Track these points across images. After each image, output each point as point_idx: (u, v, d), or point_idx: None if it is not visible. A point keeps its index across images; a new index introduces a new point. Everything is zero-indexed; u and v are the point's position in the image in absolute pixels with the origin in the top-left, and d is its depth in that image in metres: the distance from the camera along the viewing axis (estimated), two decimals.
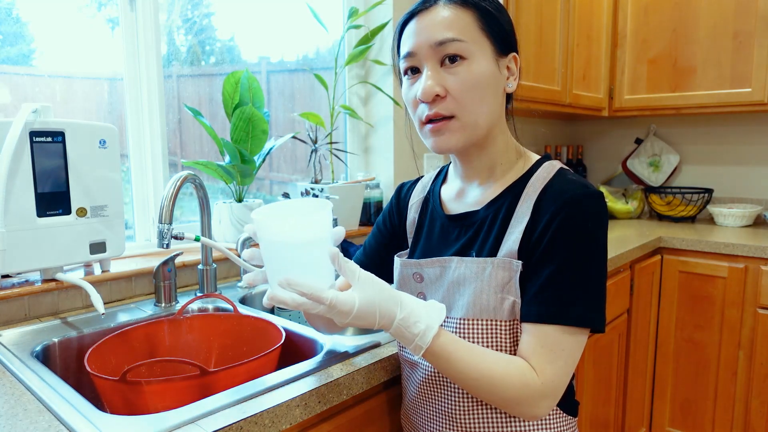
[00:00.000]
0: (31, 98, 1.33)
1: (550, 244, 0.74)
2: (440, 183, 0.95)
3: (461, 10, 0.78)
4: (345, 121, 2.03)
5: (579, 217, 0.74)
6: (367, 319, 0.69)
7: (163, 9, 1.54)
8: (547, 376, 0.73)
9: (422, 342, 0.71)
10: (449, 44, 0.76)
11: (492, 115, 0.81)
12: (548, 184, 0.79)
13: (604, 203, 0.77)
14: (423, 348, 0.71)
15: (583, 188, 0.76)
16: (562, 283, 0.74)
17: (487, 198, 0.84)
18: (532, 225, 0.77)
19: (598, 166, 3.02)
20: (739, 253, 2.01)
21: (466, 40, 0.77)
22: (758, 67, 2.18)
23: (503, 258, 0.78)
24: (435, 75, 0.78)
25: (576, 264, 0.74)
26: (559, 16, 2.15)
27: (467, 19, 0.78)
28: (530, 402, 0.73)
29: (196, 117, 1.50)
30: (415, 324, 0.71)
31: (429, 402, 0.86)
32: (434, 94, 0.77)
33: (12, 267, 1.07)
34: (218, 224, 1.56)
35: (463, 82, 0.77)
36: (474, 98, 0.78)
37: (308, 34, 1.92)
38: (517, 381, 0.72)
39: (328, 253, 0.68)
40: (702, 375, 2.15)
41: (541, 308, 0.74)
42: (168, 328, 1.09)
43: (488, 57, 0.79)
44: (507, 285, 0.77)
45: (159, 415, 0.73)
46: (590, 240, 0.74)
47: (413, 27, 0.80)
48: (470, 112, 0.78)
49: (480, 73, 0.78)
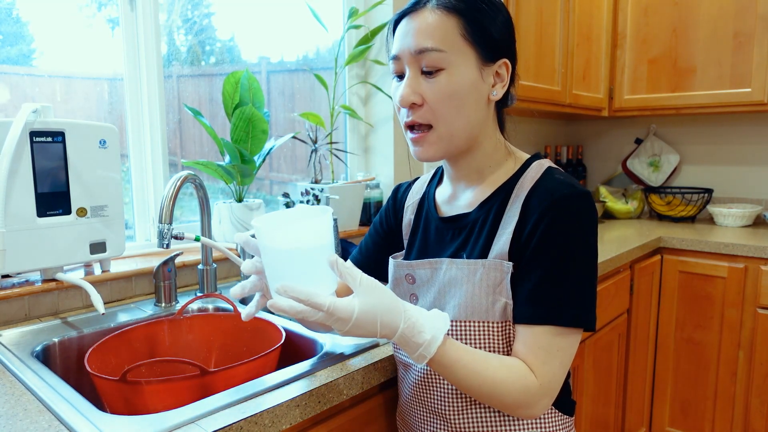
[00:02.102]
0: (31, 98, 1.33)
1: (540, 245, 0.74)
2: (435, 185, 0.95)
3: (446, 17, 0.76)
4: (345, 121, 2.03)
5: (567, 217, 0.74)
6: (366, 327, 0.68)
7: (163, 9, 1.54)
8: (544, 377, 0.74)
9: (427, 352, 0.70)
10: (427, 54, 0.76)
11: (471, 126, 0.80)
12: (536, 185, 0.78)
13: (591, 202, 0.77)
14: (427, 358, 0.70)
15: (570, 188, 0.76)
16: (553, 284, 0.74)
17: (478, 200, 0.84)
18: (521, 226, 0.77)
19: (598, 166, 3.02)
20: (739, 253, 2.01)
21: (445, 50, 0.76)
22: (758, 67, 2.18)
23: (494, 260, 0.78)
24: (413, 82, 0.78)
25: (566, 264, 0.74)
26: (559, 16, 2.15)
27: (450, 27, 0.76)
28: (530, 403, 0.74)
29: (196, 117, 1.50)
30: (420, 334, 0.70)
31: (422, 403, 0.86)
32: (410, 102, 0.78)
33: (12, 267, 1.07)
34: (218, 224, 1.56)
35: (439, 92, 0.77)
36: (450, 109, 0.77)
37: (308, 34, 1.92)
38: (519, 386, 0.73)
39: (327, 259, 0.67)
40: (702, 375, 2.15)
41: (534, 309, 0.75)
42: (168, 328, 1.09)
43: (470, 66, 0.77)
44: (498, 287, 0.77)
45: (159, 415, 0.73)
46: (579, 240, 0.75)
47: (402, 28, 0.80)
48: (446, 123, 0.78)
49: (458, 84, 0.77)
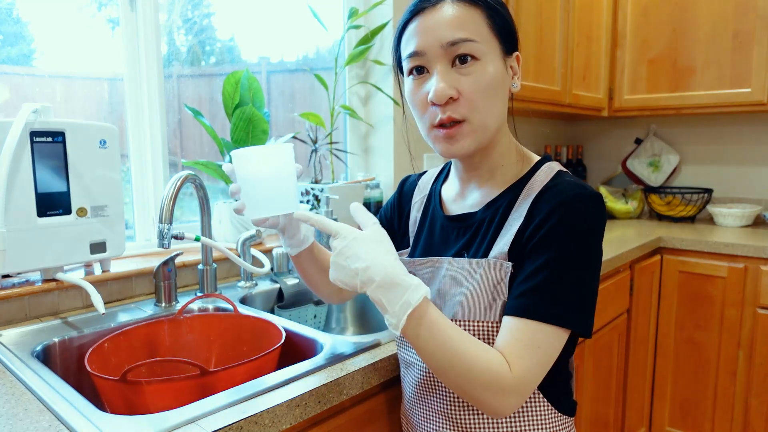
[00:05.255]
0: (31, 98, 1.33)
1: (540, 242, 0.73)
2: (441, 182, 0.94)
3: (470, 8, 0.75)
4: (345, 121, 2.03)
5: (572, 217, 0.73)
6: (360, 257, 0.69)
7: (163, 9, 1.54)
8: (517, 371, 0.69)
9: (412, 299, 0.68)
10: (462, 44, 0.74)
11: (501, 117, 0.80)
12: (546, 187, 0.77)
13: (601, 205, 0.75)
14: (411, 306, 0.68)
15: (580, 189, 0.75)
16: (545, 279, 0.71)
17: (486, 200, 0.83)
18: (525, 226, 0.76)
19: (598, 166, 3.02)
20: (739, 253, 2.01)
21: (479, 40, 0.75)
22: (758, 67, 2.18)
23: (494, 259, 0.77)
24: (447, 76, 0.75)
25: (564, 263, 0.72)
26: (559, 16, 2.15)
27: (477, 18, 0.75)
28: (497, 391, 0.68)
29: (197, 117, 1.50)
30: (409, 277, 0.70)
31: (425, 401, 0.85)
32: (448, 97, 0.75)
33: (12, 267, 1.07)
34: (218, 224, 1.57)
35: (476, 84, 0.75)
36: (486, 100, 0.76)
37: (308, 34, 1.92)
38: (490, 365, 0.68)
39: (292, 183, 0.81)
40: (702, 375, 2.15)
41: (520, 302, 0.72)
42: (168, 328, 1.10)
43: (498, 57, 0.77)
44: (498, 286, 0.76)
45: (159, 415, 0.73)
46: (581, 241, 0.72)
47: (419, 25, 0.77)
48: (482, 114, 0.76)
49: (492, 74, 0.76)
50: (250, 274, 1.43)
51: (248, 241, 1.39)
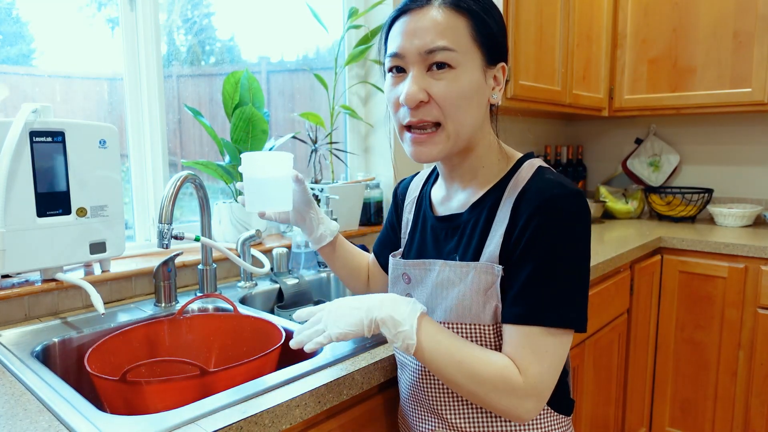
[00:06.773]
0: (31, 98, 1.33)
1: (528, 246, 0.73)
2: (432, 183, 0.95)
3: (455, 16, 0.75)
4: (345, 121, 2.03)
5: (556, 217, 0.73)
6: (354, 305, 0.78)
7: (163, 9, 1.54)
8: (530, 377, 0.71)
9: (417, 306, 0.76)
10: (439, 53, 0.75)
11: (474, 127, 0.80)
12: (526, 186, 0.77)
13: (582, 201, 0.75)
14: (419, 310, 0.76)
15: (560, 187, 0.74)
16: (540, 283, 0.72)
17: (471, 200, 0.84)
18: (511, 228, 0.76)
19: (598, 166, 3.02)
20: (739, 253, 2.01)
21: (456, 50, 0.75)
22: (758, 67, 2.18)
23: (485, 263, 0.77)
24: (420, 80, 0.76)
25: (554, 264, 0.72)
26: (559, 16, 2.15)
27: (460, 27, 0.75)
28: (509, 394, 0.71)
29: (196, 117, 1.50)
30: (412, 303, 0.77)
31: (419, 401, 0.86)
32: (418, 101, 0.76)
33: (12, 267, 1.07)
34: (218, 224, 1.56)
35: (447, 90, 0.76)
36: (457, 108, 0.77)
37: (308, 34, 1.92)
38: (497, 367, 0.71)
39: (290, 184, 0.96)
40: (702, 375, 2.15)
41: (521, 309, 0.73)
42: (168, 328, 1.09)
43: (476, 68, 0.77)
44: (489, 290, 0.77)
45: (159, 415, 0.73)
46: (568, 239, 0.73)
47: (404, 25, 0.77)
48: (454, 121, 0.77)
49: (466, 84, 0.76)
50: (249, 274, 1.43)
51: (248, 241, 1.39)
